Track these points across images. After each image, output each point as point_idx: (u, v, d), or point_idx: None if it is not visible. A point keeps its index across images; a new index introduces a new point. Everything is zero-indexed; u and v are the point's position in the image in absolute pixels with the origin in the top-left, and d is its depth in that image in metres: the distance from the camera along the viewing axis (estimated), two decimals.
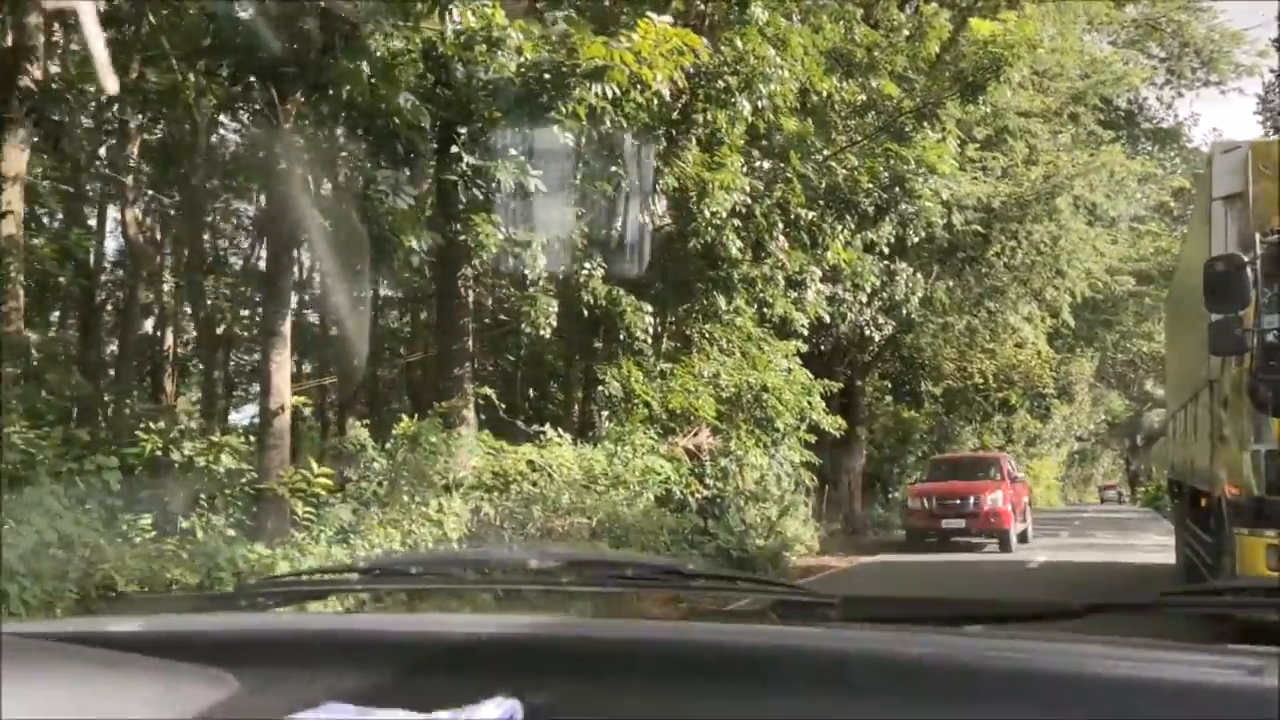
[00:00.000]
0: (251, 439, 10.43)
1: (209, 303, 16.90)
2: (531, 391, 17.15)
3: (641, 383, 15.34)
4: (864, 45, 16.05)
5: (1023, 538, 23.08)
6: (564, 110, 9.55)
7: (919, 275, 23.10)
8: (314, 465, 10.04)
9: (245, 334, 18.26)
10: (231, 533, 9.33)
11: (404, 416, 11.30)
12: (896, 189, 14.97)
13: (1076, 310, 27.55)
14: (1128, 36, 28.74)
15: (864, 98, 16.36)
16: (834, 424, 20.10)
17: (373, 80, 8.52)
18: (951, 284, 24.61)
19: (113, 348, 15.69)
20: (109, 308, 16.66)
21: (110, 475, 8.35)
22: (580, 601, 1.76)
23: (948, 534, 21.89)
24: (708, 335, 16.52)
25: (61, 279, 13.24)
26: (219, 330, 17.44)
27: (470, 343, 13.16)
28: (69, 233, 13.49)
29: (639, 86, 10.00)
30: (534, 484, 11.74)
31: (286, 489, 9.75)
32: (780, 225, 14.12)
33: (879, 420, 31.55)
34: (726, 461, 17.42)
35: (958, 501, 21.75)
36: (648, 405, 15.56)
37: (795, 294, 19.22)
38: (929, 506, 22.40)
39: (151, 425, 10.38)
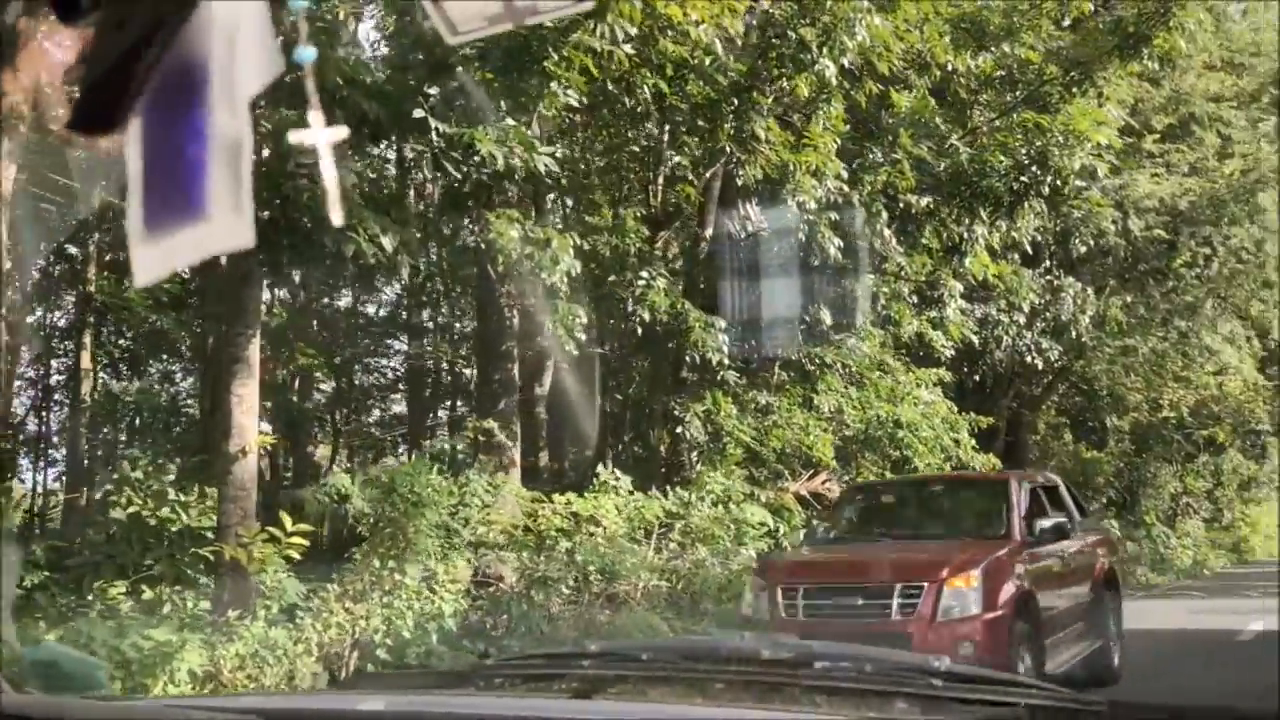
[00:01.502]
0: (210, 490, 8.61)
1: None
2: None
3: (734, 418, 12.88)
4: (999, 7, 13.27)
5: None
6: (559, 63, 7.41)
7: (1089, 291, 19.71)
8: (286, 520, 8.12)
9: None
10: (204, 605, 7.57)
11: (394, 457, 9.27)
12: (1036, 168, 12.04)
13: None
14: None
15: (1001, 72, 13.53)
16: (986, 464, 16.98)
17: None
18: (1131, 300, 20.99)
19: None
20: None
21: None
22: (813, 696, 1.61)
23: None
24: (818, 361, 13.90)
25: None
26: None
27: (515, 369, 11.11)
28: None
29: (671, 33, 7.73)
30: (575, 541, 9.49)
31: (245, 552, 7.85)
32: (884, 216, 11.46)
33: (1055, 461, 27.70)
34: None
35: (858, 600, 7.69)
36: (744, 445, 13.08)
37: (933, 312, 16.38)
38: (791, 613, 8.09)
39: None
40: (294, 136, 0.80)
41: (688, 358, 10.97)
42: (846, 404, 14.97)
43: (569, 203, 12.03)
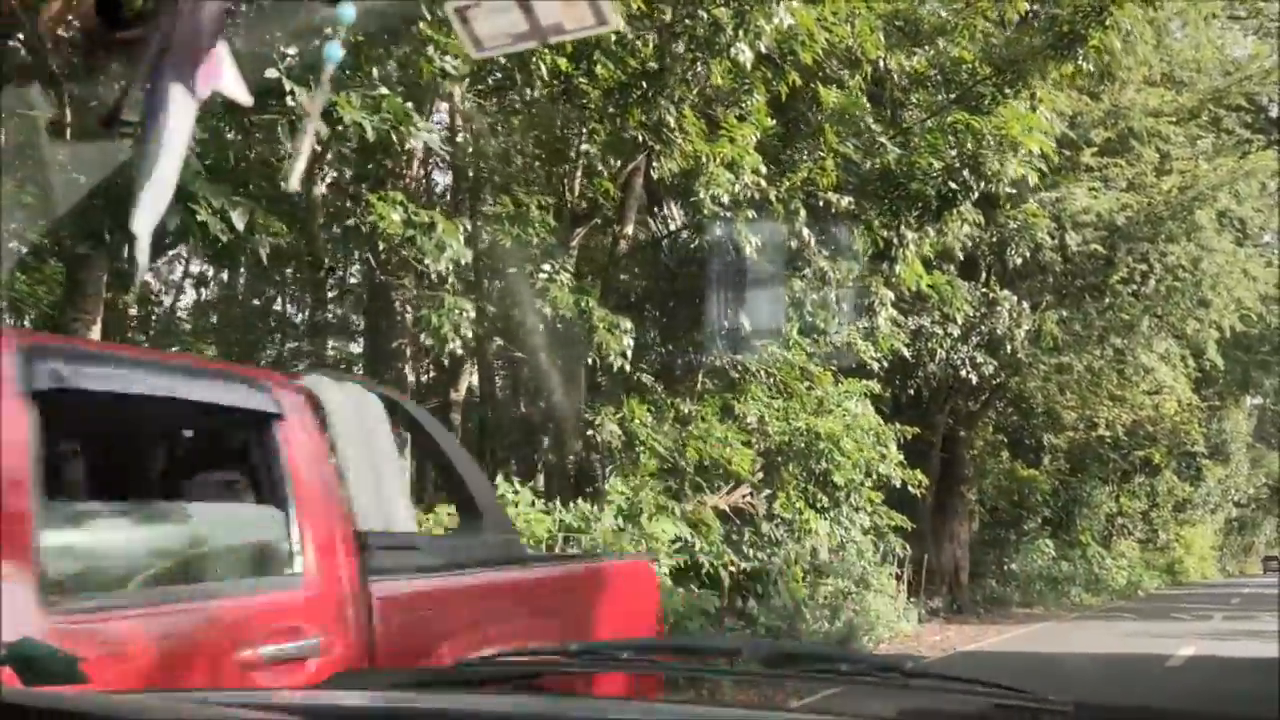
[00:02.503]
0: None
1: None
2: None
3: (648, 426, 12.17)
4: (934, 5, 12.76)
5: None
6: (437, 25, 6.64)
7: (1024, 305, 19.32)
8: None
9: None
10: None
11: None
12: (967, 172, 11.51)
13: (1225, 349, 23.06)
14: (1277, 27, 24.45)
15: (934, 71, 13.00)
16: (913, 479, 16.43)
17: None
18: (1067, 316, 20.64)
19: None
20: None
21: None
22: (791, 693, 0.91)
23: None
24: (741, 369, 13.23)
25: None
26: None
27: (408, 369, 10.30)
28: None
29: None
30: None
31: None
32: (803, 214, 10.83)
33: (991, 478, 27.38)
34: (771, 526, 14.01)
35: None
36: (658, 455, 12.36)
37: (864, 322, 15.82)
38: None
39: None
40: None
41: (595, 360, 10.19)
42: (769, 414, 14.33)
43: (467, 189, 11.26)
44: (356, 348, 17.70)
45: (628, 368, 10.29)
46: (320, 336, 14.06)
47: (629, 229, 13.03)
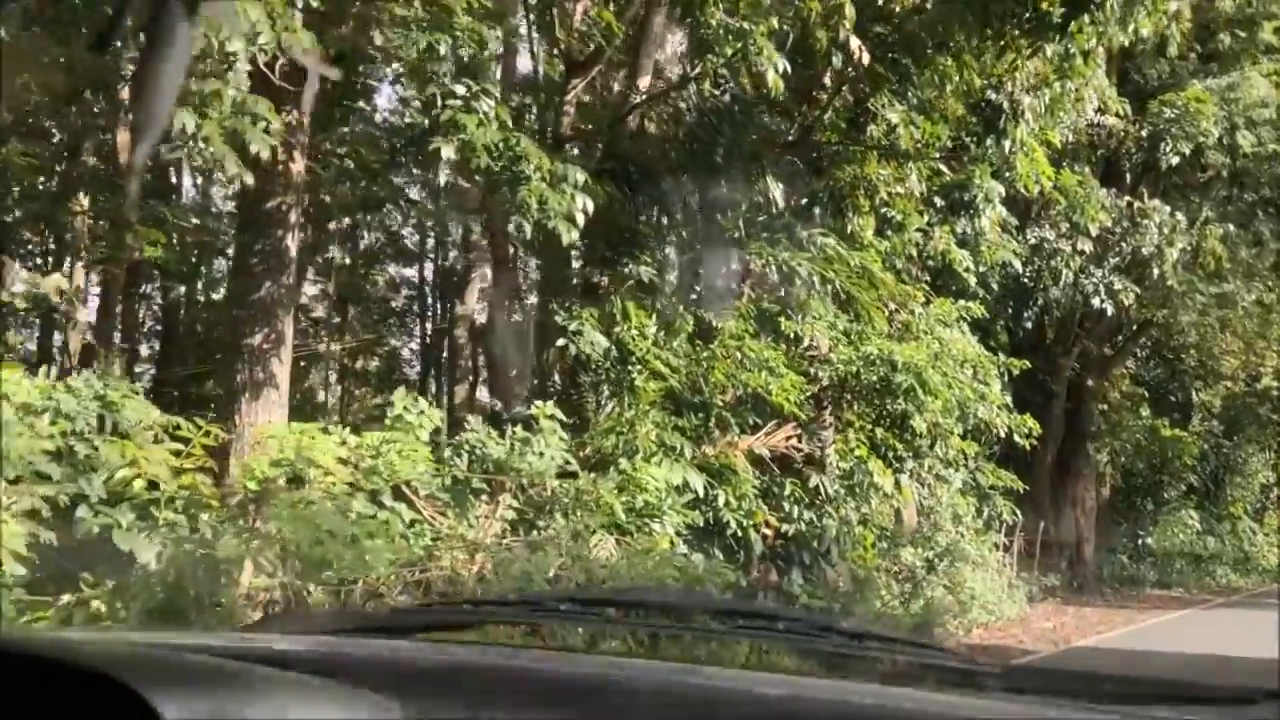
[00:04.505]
0: None
1: None
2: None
3: (648, 337, 9.06)
4: None
5: None
6: None
7: (1179, 218, 15.31)
8: None
9: None
10: None
11: None
12: None
13: None
14: None
15: None
16: (1020, 426, 12.87)
17: None
18: (1234, 235, 16.47)
19: None
20: None
21: None
22: (732, 650, 1.84)
23: None
24: (787, 268, 9.91)
25: None
26: None
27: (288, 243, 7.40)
28: None
29: None
30: (286, 501, 5.76)
31: None
32: (850, 18, 7.35)
33: (1127, 436, 23.24)
34: (825, 479, 10.73)
35: None
36: (660, 376, 9.24)
37: (962, 222, 12.28)
38: None
39: None
40: None
41: (531, 233, 6.99)
42: (829, 334, 11.00)
43: None
44: None
45: (577, 240, 7.16)
46: None
47: (643, 80, 9.81)
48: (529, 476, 7.32)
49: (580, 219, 6.85)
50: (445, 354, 14.62)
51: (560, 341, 8.51)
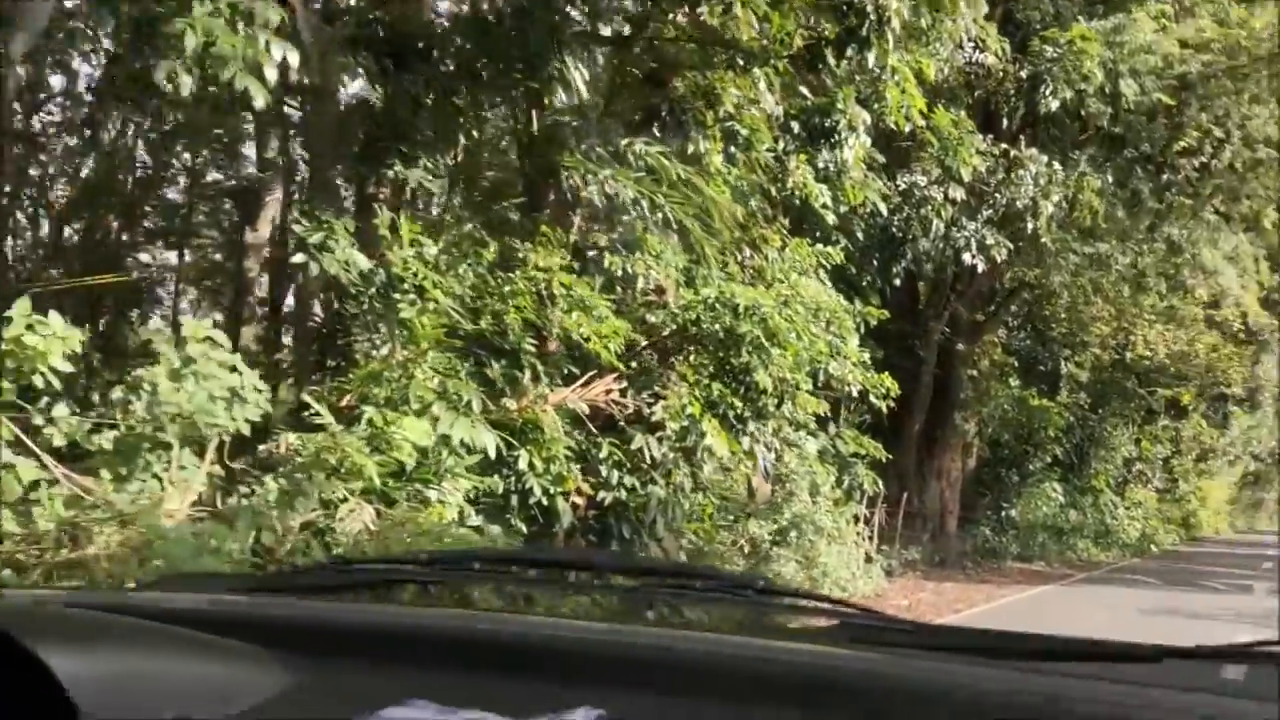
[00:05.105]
0: None
1: None
2: None
3: (426, 263, 7.28)
4: None
5: None
6: None
7: (1057, 168, 14.20)
8: None
9: None
10: None
11: None
12: None
13: None
14: None
15: None
16: (876, 386, 11.57)
17: None
18: (1112, 191, 15.49)
19: None
20: None
21: None
22: (650, 610, 1.65)
23: None
24: (601, 184, 8.23)
25: None
26: None
27: None
28: None
29: None
30: None
31: None
32: None
33: (994, 406, 22.46)
34: (648, 441, 9.14)
35: None
36: (444, 312, 7.49)
37: (822, 148, 10.82)
38: None
39: None
40: None
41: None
42: (664, 271, 9.40)
43: None
44: None
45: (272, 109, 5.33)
46: None
47: None
48: (219, 429, 5.50)
49: (273, 75, 5.04)
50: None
51: (298, 258, 6.67)
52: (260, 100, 5.04)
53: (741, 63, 8.32)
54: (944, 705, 1.09)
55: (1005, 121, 14.72)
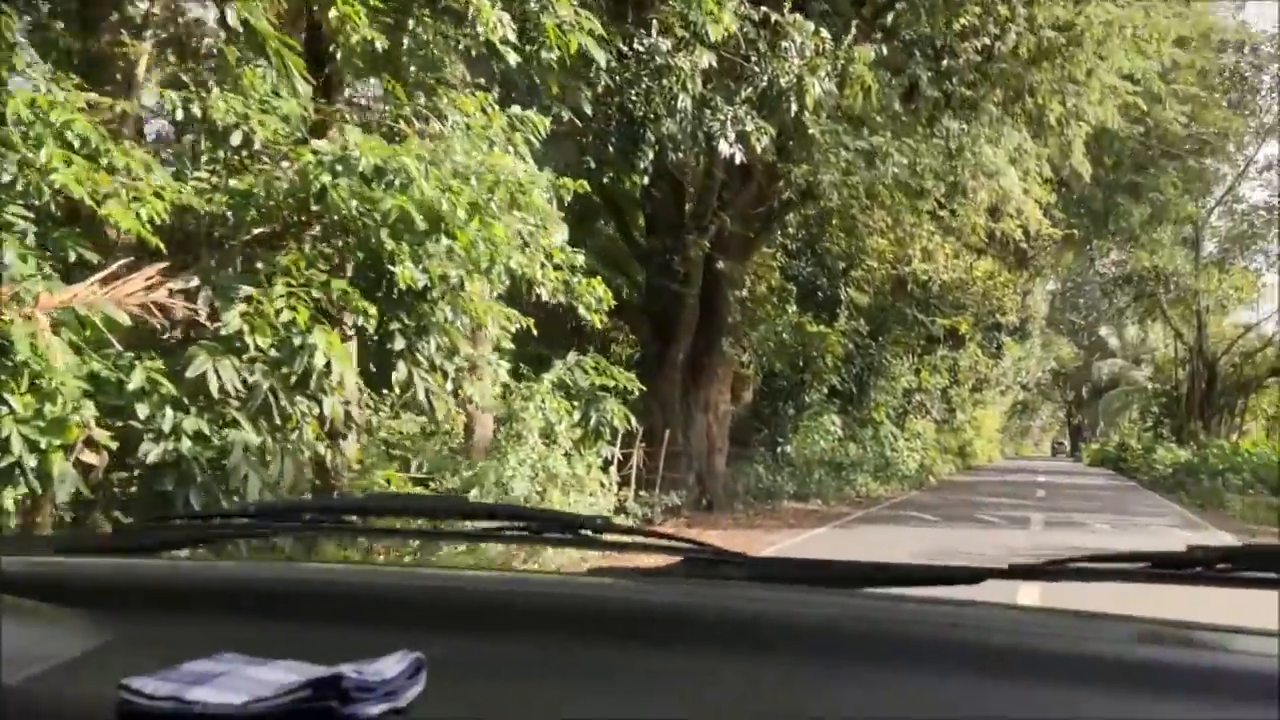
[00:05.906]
0: None
1: None
2: None
3: None
4: None
5: None
6: None
7: (825, 36, 11.83)
8: None
9: None
10: None
11: None
12: None
13: (1095, 157, 16.41)
14: None
15: None
16: (586, 292, 8.83)
17: None
18: (888, 78, 13.30)
19: None
20: None
21: None
22: (484, 552, 1.10)
23: None
24: None
25: None
26: None
27: None
28: None
29: None
30: None
31: None
32: None
33: (767, 330, 20.42)
34: (228, 363, 6.09)
35: None
36: None
37: None
38: None
39: None
40: None
41: None
42: (258, 114, 6.32)
43: None
44: None
45: None
46: None
47: None
48: None
49: None
50: None
51: None
52: None
53: None
54: (779, 633, 1.11)
55: None
